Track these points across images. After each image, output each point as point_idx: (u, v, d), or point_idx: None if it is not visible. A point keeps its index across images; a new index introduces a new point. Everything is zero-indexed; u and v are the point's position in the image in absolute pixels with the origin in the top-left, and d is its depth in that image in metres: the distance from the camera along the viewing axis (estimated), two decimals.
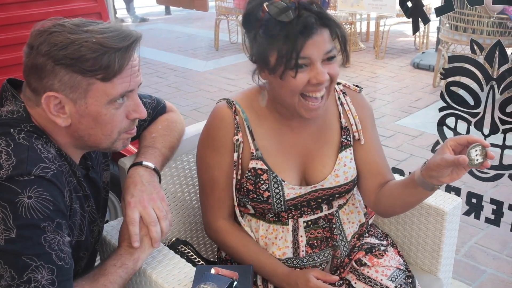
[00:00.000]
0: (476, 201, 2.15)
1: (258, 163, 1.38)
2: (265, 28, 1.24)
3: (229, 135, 1.38)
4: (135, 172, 1.32)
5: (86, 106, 1.11)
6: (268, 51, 1.24)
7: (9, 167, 1.03)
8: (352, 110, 1.47)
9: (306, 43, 1.20)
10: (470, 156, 1.15)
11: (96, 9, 2.39)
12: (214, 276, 1.18)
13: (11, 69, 2.02)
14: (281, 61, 1.22)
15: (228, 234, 1.44)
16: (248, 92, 1.44)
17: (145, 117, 1.22)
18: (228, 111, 1.38)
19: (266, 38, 1.24)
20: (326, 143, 1.44)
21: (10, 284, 1.00)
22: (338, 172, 1.42)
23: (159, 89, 5.39)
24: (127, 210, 1.25)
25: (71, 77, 1.07)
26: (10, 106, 1.14)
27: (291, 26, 1.20)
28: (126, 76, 1.12)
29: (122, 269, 1.20)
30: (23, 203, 1.01)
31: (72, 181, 1.19)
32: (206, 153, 1.41)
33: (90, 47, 1.06)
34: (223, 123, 1.38)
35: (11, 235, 1.00)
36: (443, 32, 4.80)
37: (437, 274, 1.66)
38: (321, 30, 1.22)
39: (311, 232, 1.44)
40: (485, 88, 2.03)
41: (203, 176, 1.45)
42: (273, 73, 1.25)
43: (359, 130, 1.46)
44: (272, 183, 1.37)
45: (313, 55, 1.22)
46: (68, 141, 1.18)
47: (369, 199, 1.48)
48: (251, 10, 1.27)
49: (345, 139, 1.45)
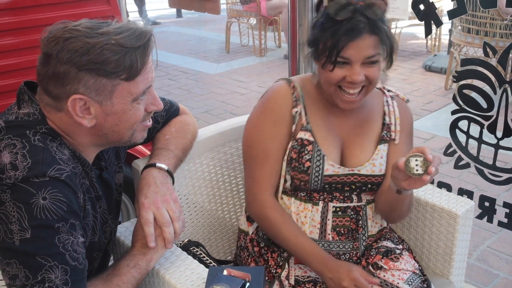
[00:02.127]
0: (489, 205, 2.13)
1: (306, 134, 1.46)
2: (323, 19, 1.36)
3: (289, 108, 1.47)
4: (148, 173, 1.33)
5: (112, 106, 1.13)
6: (318, 40, 1.36)
7: (24, 168, 1.04)
8: (396, 112, 1.55)
9: (348, 44, 1.31)
10: (408, 163, 1.22)
11: (110, 12, 2.41)
12: (227, 277, 1.19)
13: (27, 71, 2.05)
14: (324, 53, 1.34)
15: (272, 209, 1.47)
16: (304, 77, 1.57)
17: (161, 108, 1.26)
18: (287, 87, 1.49)
19: (320, 28, 1.36)
20: (368, 133, 1.52)
21: (24, 284, 1.02)
22: (375, 162, 1.49)
23: (170, 92, 5.41)
24: (141, 211, 1.26)
25: (96, 80, 1.08)
26: (26, 109, 1.15)
27: (340, 26, 1.31)
28: (147, 73, 1.15)
29: (135, 269, 1.21)
30: (38, 204, 1.02)
31: (85, 182, 1.20)
32: (264, 124, 1.48)
33: (112, 49, 1.07)
34: (283, 97, 1.48)
35: (26, 236, 1.02)
36: (455, 35, 4.77)
37: (449, 278, 1.65)
38: (368, 36, 1.32)
39: (339, 219, 1.47)
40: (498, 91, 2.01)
41: (254, 149, 1.50)
42: (317, 60, 1.39)
43: (397, 131, 1.53)
44: (315, 155, 1.44)
45: (353, 56, 1.33)
46: (89, 140, 1.20)
47: (380, 198, 1.52)
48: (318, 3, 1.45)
49: (385, 134, 1.52)
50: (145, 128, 1.26)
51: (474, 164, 2.15)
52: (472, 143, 2.15)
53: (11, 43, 2.12)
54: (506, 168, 2.07)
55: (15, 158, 1.06)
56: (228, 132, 1.72)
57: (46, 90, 1.12)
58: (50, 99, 1.13)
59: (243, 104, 5.04)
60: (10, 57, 2.12)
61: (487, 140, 2.10)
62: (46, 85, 1.11)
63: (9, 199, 1.03)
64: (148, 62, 1.14)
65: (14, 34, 2.14)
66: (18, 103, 1.18)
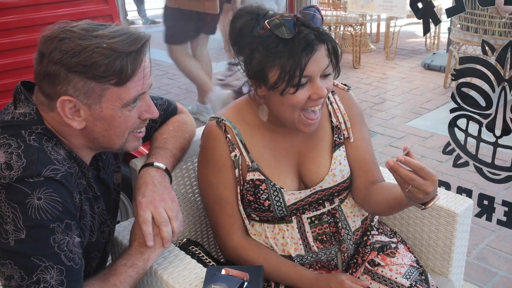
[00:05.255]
0: (488, 203, 2.13)
1: (255, 174, 1.39)
2: (265, 45, 1.24)
3: (226, 153, 1.38)
4: (146, 172, 1.33)
5: (101, 110, 1.12)
6: (268, 68, 1.24)
7: (19, 168, 1.04)
8: (341, 108, 1.49)
9: (309, 60, 1.22)
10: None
11: (108, 12, 2.41)
12: (225, 277, 1.18)
13: (24, 71, 2.04)
14: (284, 78, 1.22)
15: (246, 250, 1.43)
16: (237, 106, 1.45)
17: (157, 117, 1.23)
18: (218, 131, 1.39)
19: (266, 54, 1.24)
20: (319, 143, 1.45)
21: (20, 284, 1.01)
22: (335, 172, 1.44)
23: (169, 91, 5.41)
24: (139, 210, 1.25)
25: (85, 83, 1.07)
26: (22, 109, 1.15)
27: (294, 43, 1.21)
28: (139, 80, 1.12)
29: (133, 268, 1.21)
30: (33, 204, 1.02)
31: (81, 182, 1.20)
32: (208, 173, 1.42)
33: (102, 53, 1.06)
34: (217, 142, 1.39)
35: (21, 236, 1.01)
36: (454, 33, 4.77)
37: (448, 276, 1.65)
38: (319, 46, 1.24)
39: (318, 228, 1.44)
40: (497, 89, 2.01)
41: (208, 197, 1.44)
42: (273, 89, 1.26)
43: (348, 128, 1.47)
44: (272, 191, 1.39)
45: (314, 72, 1.24)
46: (82, 142, 1.19)
47: (358, 196, 1.50)
48: (243, 26, 1.29)
49: (337, 138, 1.47)
50: (138, 138, 1.24)
51: (473, 162, 2.15)
52: (471, 142, 2.15)
53: (8, 43, 2.12)
54: (505, 166, 2.07)
55: (10, 158, 1.05)
56: None
57: (40, 88, 1.12)
58: (44, 98, 1.12)
59: None
60: (6, 56, 2.12)
61: (486, 138, 2.10)
62: (40, 84, 1.11)
63: (3, 199, 1.02)
64: (141, 68, 1.12)
65: (11, 34, 2.13)
66: (15, 103, 1.17)
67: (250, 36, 1.27)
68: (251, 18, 1.28)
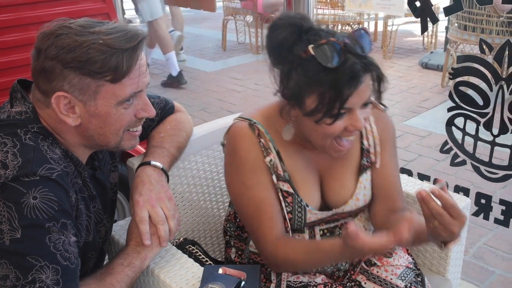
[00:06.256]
0: (485, 202, 2.13)
1: (284, 185, 1.32)
2: (306, 69, 1.13)
3: (260, 157, 1.30)
4: (143, 171, 1.32)
5: (96, 107, 1.11)
6: (306, 93, 1.15)
7: (14, 167, 1.04)
8: (374, 131, 1.40)
9: (353, 93, 1.12)
10: None
11: (105, 10, 2.40)
12: (222, 276, 1.18)
13: (21, 69, 2.04)
14: (322, 108, 1.13)
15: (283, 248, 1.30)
16: (267, 112, 1.35)
17: (153, 116, 1.22)
18: (250, 133, 1.30)
19: (306, 79, 1.14)
20: (346, 164, 1.39)
21: (15, 284, 1.01)
22: (358, 196, 1.38)
23: (167, 89, 5.40)
24: (136, 208, 1.25)
25: (80, 79, 1.07)
26: (18, 107, 1.14)
27: (338, 73, 1.11)
28: (135, 77, 1.12)
29: (129, 268, 1.21)
30: (28, 204, 1.01)
31: (77, 182, 1.19)
32: (242, 175, 1.30)
33: (98, 49, 1.06)
34: (251, 145, 1.30)
35: (16, 236, 1.01)
36: (452, 32, 4.77)
37: (445, 275, 1.65)
38: (364, 77, 1.14)
39: None
40: (494, 88, 2.01)
41: (244, 200, 1.33)
42: (309, 116, 1.17)
43: (376, 153, 1.40)
44: (296, 206, 1.33)
45: (355, 104, 1.16)
46: (78, 140, 1.18)
47: (375, 222, 1.44)
48: (283, 41, 1.17)
49: (365, 161, 1.40)
50: (134, 137, 1.24)
51: (470, 161, 2.15)
52: (468, 140, 2.15)
53: (4, 41, 2.11)
54: (502, 165, 2.07)
55: (6, 157, 1.05)
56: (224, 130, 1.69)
57: (37, 85, 1.12)
58: (40, 94, 1.12)
59: (239, 101, 5.03)
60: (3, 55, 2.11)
61: (483, 137, 2.10)
62: (37, 80, 1.11)
63: None
64: (137, 66, 1.11)
65: (7, 32, 2.12)
66: (11, 101, 1.17)
67: (290, 53, 1.16)
68: (292, 31, 1.16)
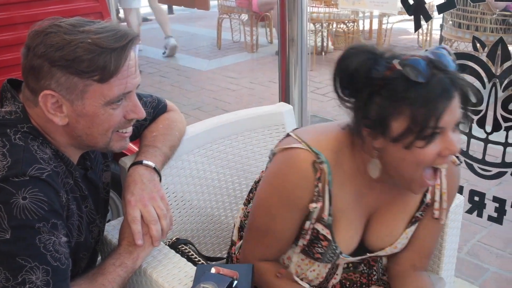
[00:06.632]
0: (479, 199, 2.13)
1: (324, 230, 1.22)
2: (391, 89, 1.05)
3: (307, 200, 1.19)
4: (135, 171, 1.32)
5: (83, 107, 1.11)
6: (393, 116, 1.06)
7: (4, 167, 1.03)
8: (443, 185, 1.29)
9: (446, 109, 1.03)
10: None
11: (97, 9, 2.39)
12: (215, 276, 1.18)
13: (12, 69, 2.02)
14: (414, 129, 1.04)
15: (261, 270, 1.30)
16: (338, 143, 1.21)
17: (143, 117, 1.21)
18: (311, 174, 1.17)
19: (392, 100, 1.05)
20: (400, 210, 1.30)
21: (5, 285, 1.00)
22: (397, 245, 1.31)
23: (162, 88, 5.39)
24: (128, 208, 1.25)
25: (67, 78, 1.06)
26: (8, 107, 1.14)
27: (428, 88, 1.03)
28: (123, 78, 1.11)
29: (121, 268, 1.20)
30: (18, 204, 1.01)
31: (68, 182, 1.18)
32: (274, 202, 1.23)
33: (86, 48, 1.05)
34: (304, 184, 1.18)
35: (6, 236, 1.00)
36: (446, 30, 4.78)
37: (439, 273, 1.65)
38: (455, 93, 1.05)
39: (349, 274, 1.38)
40: (488, 85, 2.02)
41: (259, 220, 1.28)
42: (397, 141, 1.07)
43: (442, 209, 1.30)
44: (330, 251, 1.25)
45: (449, 123, 1.06)
46: (66, 140, 1.18)
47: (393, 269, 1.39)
48: (359, 66, 1.09)
49: (419, 214, 1.31)
50: (123, 138, 1.23)
51: (463, 158, 2.16)
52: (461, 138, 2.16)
53: None
54: (495, 162, 2.08)
55: None
56: (217, 129, 1.70)
57: (26, 83, 1.12)
58: (29, 92, 1.12)
59: (234, 100, 5.03)
60: None
61: (476, 134, 2.11)
62: (26, 78, 1.11)
63: None
64: (125, 66, 1.10)
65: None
66: (1, 101, 1.16)
67: (367, 78, 1.08)
68: (367, 57, 1.09)
